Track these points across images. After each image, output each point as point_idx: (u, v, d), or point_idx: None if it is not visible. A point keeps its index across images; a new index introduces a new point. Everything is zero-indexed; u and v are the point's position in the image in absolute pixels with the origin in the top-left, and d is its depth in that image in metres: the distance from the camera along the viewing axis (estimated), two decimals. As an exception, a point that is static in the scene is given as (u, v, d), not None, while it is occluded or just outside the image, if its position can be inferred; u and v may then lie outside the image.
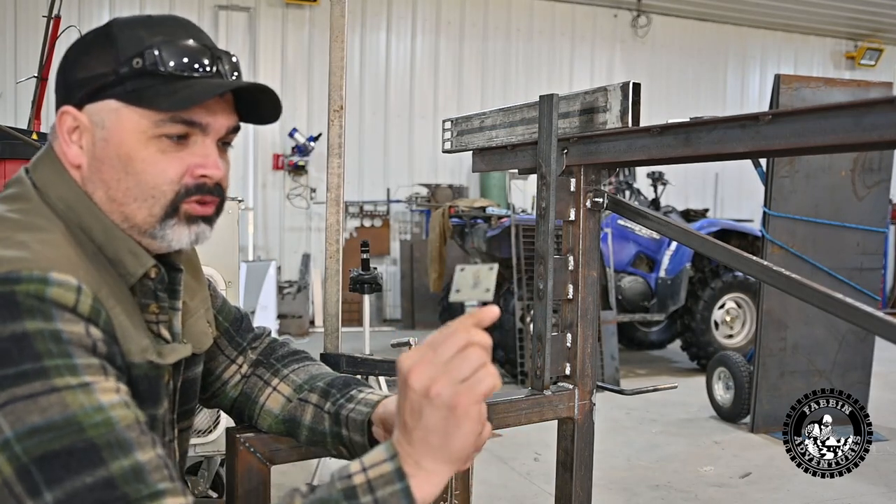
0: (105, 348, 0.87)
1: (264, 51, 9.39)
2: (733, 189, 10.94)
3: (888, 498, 3.67)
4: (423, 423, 0.79)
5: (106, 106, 0.97)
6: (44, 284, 0.83)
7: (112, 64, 0.97)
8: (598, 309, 1.57)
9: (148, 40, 0.97)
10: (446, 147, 1.72)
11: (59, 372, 0.80)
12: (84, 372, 0.82)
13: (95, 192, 0.98)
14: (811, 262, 4.54)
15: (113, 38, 0.99)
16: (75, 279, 0.86)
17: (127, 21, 1.01)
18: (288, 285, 8.65)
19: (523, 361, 5.85)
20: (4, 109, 7.57)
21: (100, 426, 0.80)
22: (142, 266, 0.99)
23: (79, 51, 1.01)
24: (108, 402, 0.82)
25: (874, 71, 12.00)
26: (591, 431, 1.52)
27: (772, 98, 4.55)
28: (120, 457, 0.80)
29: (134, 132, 0.96)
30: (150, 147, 0.97)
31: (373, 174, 9.73)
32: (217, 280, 2.30)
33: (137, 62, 0.96)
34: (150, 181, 0.97)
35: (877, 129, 1.00)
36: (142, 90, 0.96)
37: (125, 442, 0.81)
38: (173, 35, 1.00)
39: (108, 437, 0.80)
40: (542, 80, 10.29)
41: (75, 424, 0.79)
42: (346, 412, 1.15)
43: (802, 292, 1.19)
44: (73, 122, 0.98)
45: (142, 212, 0.98)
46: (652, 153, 1.31)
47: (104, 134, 0.97)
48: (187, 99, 0.95)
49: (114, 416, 0.81)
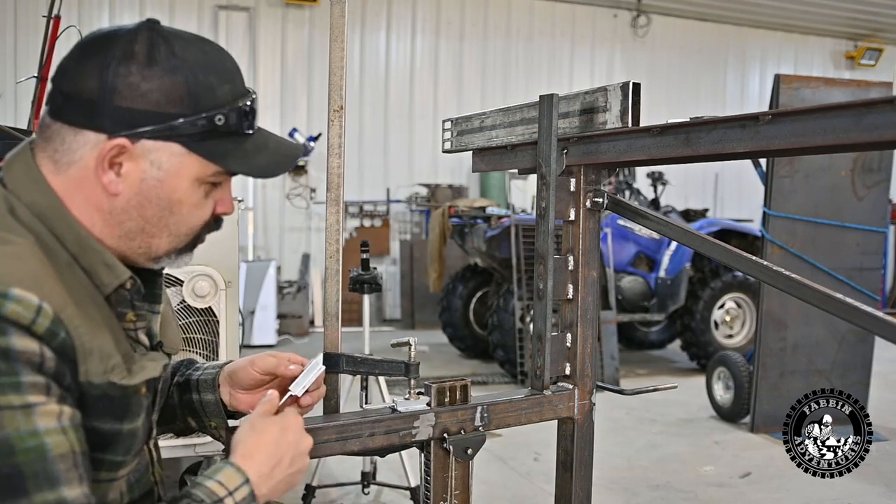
0: (53, 367, 0.85)
1: (264, 51, 9.38)
2: (733, 189, 10.94)
3: (888, 498, 3.67)
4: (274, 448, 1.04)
5: (169, 148, 0.96)
6: (2, 300, 0.82)
7: (186, 109, 0.95)
8: (598, 309, 1.57)
9: (220, 90, 0.98)
10: (446, 147, 1.72)
11: (2, 390, 0.79)
12: (28, 391, 0.81)
13: (124, 222, 0.98)
14: (811, 262, 4.54)
15: (184, 75, 0.95)
16: (37, 297, 0.84)
17: (189, 53, 0.97)
18: (288, 285, 8.65)
19: (523, 361, 5.85)
20: (4, 109, 7.56)
21: (30, 451, 0.79)
22: (117, 278, 0.98)
23: (134, 75, 0.93)
24: (45, 428, 0.81)
25: (874, 71, 12.00)
26: (590, 431, 1.52)
27: (772, 98, 4.55)
28: (44, 489, 0.79)
29: (190, 179, 0.98)
30: (198, 191, 1.00)
31: (373, 174, 9.73)
32: (217, 280, 2.30)
33: (220, 119, 0.97)
34: (191, 223, 1.02)
35: (877, 129, 1.00)
36: (212, 144, 0.97)
37: (53, 474, 0.80)
38: (233, 81, 1.01)
39: (36, 466, 0.79)
40: (542, 80, 10.29)
41: (7, 447, 0.78)
42: (196, 376, 1.27)
43: (802, 292, 1.19)
44: (122, 151, 0.94)
45: (168, 245, 1.02)
46: (652, 153, 1.31)
47: (159, 175, 0.96)
48: (264, 171, 1.02)
49: (47, 444, 0.80)
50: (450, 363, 6.83)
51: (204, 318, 2.30)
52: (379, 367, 1.39)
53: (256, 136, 1.03)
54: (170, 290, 2.25)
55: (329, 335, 1.40)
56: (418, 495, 2.92)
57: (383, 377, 2.83)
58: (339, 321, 1.41)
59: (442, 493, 1.34)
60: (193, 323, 2.28)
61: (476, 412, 1.37)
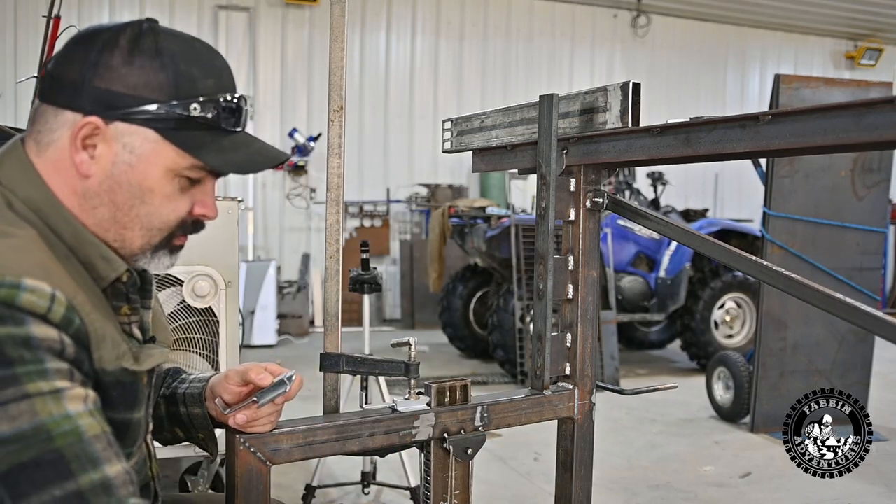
0: (73, 353, 0.86)
1: (264, 51, 9.38)
2: (733, 189, 10.94)
3: (888, 498, 3.67)
4: None
5: (143, 133, 0.95)
6: (16, 290, 0.82)
7: (163, 96, 0.95)
8: (598, 309, 1.57)
9: (201, 83, 0.97)
10: (446, 147, 1.72)
11: (30, 378, 0.80)
12: (54, 377, 0.82)
13: (97, 207, 0.97)
14: (811, 262, 4.54)
15: (165, 64, 0.95)
16: (49, 286, 0.85)
17: (176, 45, 0.97)
18: (288, 285, 8.65)
19: (523, 361, 5.85)
20: (4, 109, 7.56)
21: (67, 435, 0.80)
22: (114, 271, 0.98)
23: (116, 58, 0.94)
24: (76, 411, 0.82)
25: (874, 71, 12.00)
26: (590, 431, 1.52)
27: (772, 98, 4.55)
28: (89, 469, 0.80)
29: (163, 167, 0.97)
30: (172, 184, 0.99)
31: (373, 174, 9.73)
32: (217, 280, 2.30)
33: (195, 108, 0.96)
34: (163, 216, 1.00)
35: (877, 129, 1.00)
36: (188, 135, 0.96)
37: (92, 455, 0.81)
38: (219, 77, 1.00)
39: (75, 448, 0.80)
40: (542, 80, 10.29)
41: (44, 433, 0.78)
42: (182, 390, 1.27)
43: (802, 292, 1.19)
44: (94, 131, 0.95)
45: (141, 240, 1.00)
46: (652, 153, 1.31)
47: (131, 159, 0.96)
48: (239, 166, 1.00)
49: (81, 426, 0.81)
50: (450, 363, 6.83)
51: (204, 318, 2.29)
52: (379, 367, 1.39)
53: (239, 136, 1.02)
54: (170, 290, 2.25)
55: (329, 335, 1.40)
56: (418, 495, 2.92)
57: (383, 377, 2.83)
58: (339, 321, 1.42)
59: (442, 493, 1.34)
60: (193, 323, 2.28)
61: (476, 412, 1.37)
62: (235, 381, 1.21)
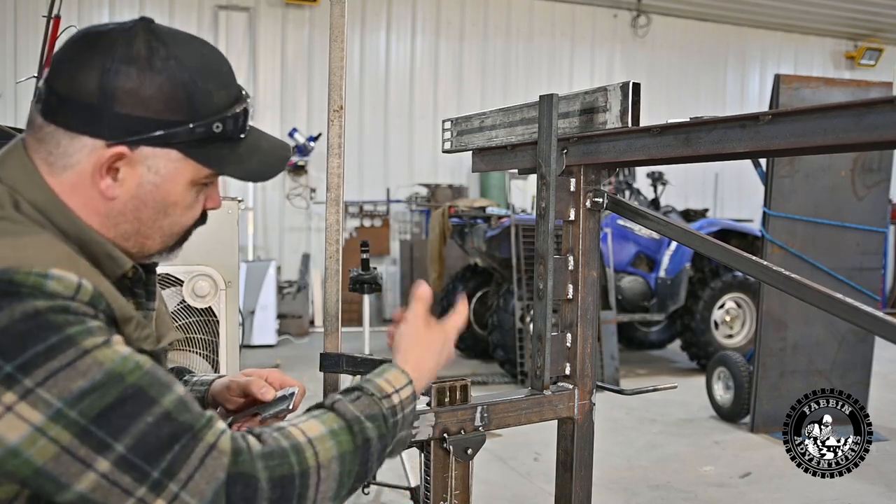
0: (105, 321, 0.90)
1: (264, 51, 9.38)
2: (733, 189, 10.94)
3: (888, 498, 3.67)
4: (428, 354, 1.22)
5: (166, 154, 0.96)
6: (43, 279, 0.84)
7: (183, 116, 0.95)
8: (598, 309, 1.57)
9: (217, 97, 0.98)
10: (446, 147, 1.72)
11: (83, 336, 0.83)
12: (98, 333, 0.85)
13: (120, 224, 0.98)
14: (811, 262, 4.54)
15: (184, 82, 0.95)
16: (76, 276, 0.87)
17: (187, 56, 0.97)
18: (288, 285, 8.65)
19: (523, 361, 5.85)
20: (4, 109, 7.56)
21: (135, 371, 0.85)
22: (119, 268, 0.99)
23: (133, 79, 0.92)
24: (129, 352, 0.87)
25: (874, 71, 12.00)
26: (590, 431, 1.52)
27: (772, 98, 4.55)
28: (165, 393, 0.86)
29: (185, 182, 1.00)
30: (191, 192, 1.02)
31: (373, 174, 9.73)
32: (217, 280, 2.30)
33: (217, 127, 0.98)
34: (183, 223, 1.04)
35: (877, 129, 1.00)
36: (209, 150, 0.99)
37: (161, 379, 0.87)
38: (229, 85, 1.01)
39: (147, 378, 0.85)
40: (542, 80, 10.29)
41: (116, 376, 0.83)
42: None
43: (802, 292, 1.19)
44: (120, 158, 0.94)
45: (161, 245, 1.04)
46: (652, 153, 1.31)
47: (156, 180, 0.97)
48: (258, 174, 1.05)
49: (139, 361, 0.86)
50: (450, 363, 6.83)
51: (204, 318, 2.29)
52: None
53: (249, 138, 1.04)
54: (170, 289, 2.25)
55: (329, 335, 1.40)
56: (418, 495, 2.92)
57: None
58: (339, 321, 1.42)
59: (442, 493, 1.34)
60: (193, 323, 2.28)
61: (476, 412, 1.37)
62: (237, 394, 1.23)
